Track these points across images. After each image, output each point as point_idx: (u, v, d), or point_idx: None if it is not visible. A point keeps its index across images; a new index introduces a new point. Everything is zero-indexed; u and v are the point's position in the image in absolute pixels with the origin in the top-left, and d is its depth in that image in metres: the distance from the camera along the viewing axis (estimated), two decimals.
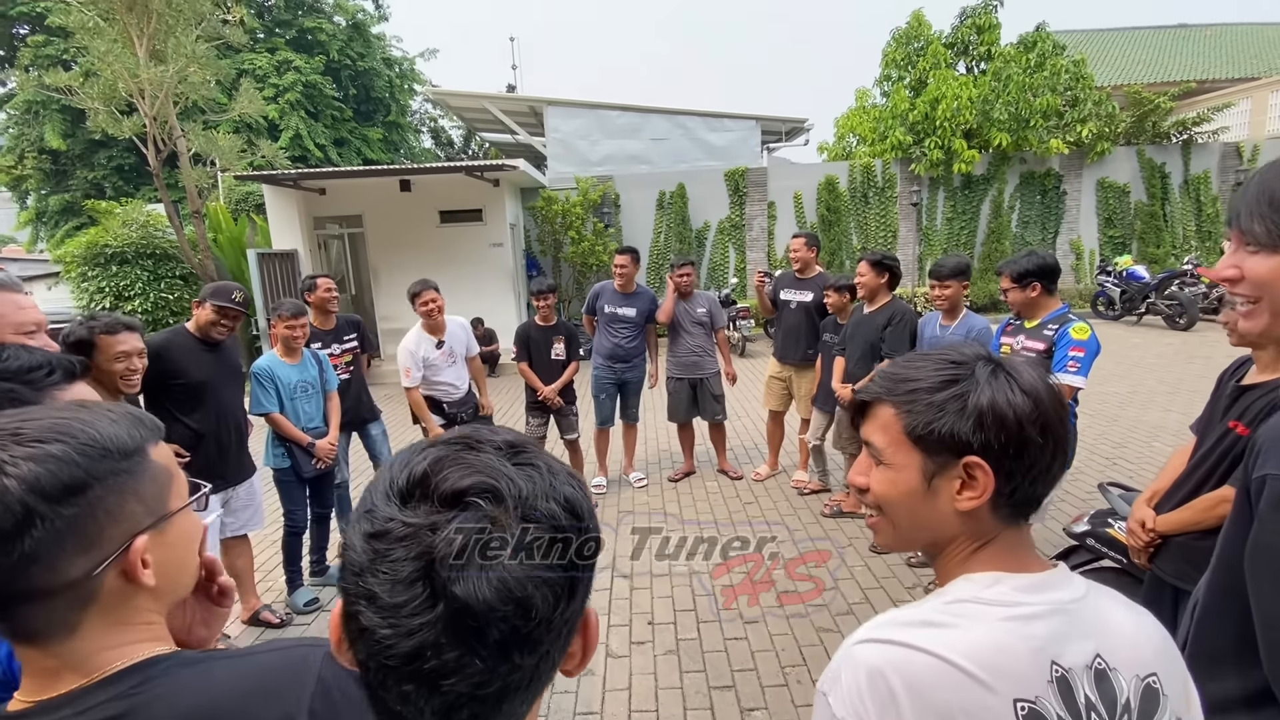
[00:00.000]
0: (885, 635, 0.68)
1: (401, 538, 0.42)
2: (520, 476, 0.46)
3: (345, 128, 22.42)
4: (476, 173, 9.64)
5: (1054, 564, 0.73)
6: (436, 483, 0.44)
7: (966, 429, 0.69)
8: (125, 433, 0.65)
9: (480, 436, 0.49)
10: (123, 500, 0.63)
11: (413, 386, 3.83)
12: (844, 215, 12.41)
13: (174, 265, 9.98)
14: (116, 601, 0.63)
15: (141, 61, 8.44)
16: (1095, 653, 0.68)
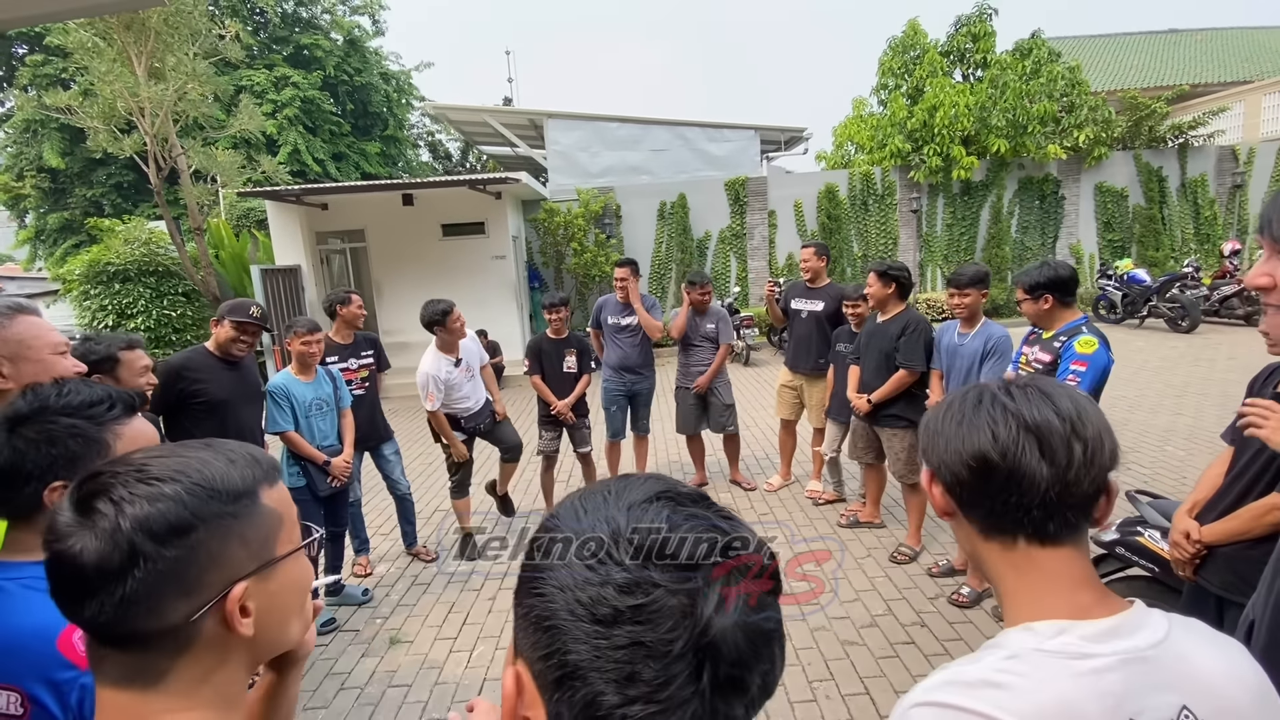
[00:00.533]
0: (944, 698, 0.64)
1: (668, 608, 0.41)
2: (739, 533, 0.47)
3: (343, 142, 22.51)
4: (479, 186, 9.66)
5: (1129, 603, 0.69)
6: (678, 543, 0.44)
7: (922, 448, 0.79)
8: (238, 474, 0.64)
9: (674, 487, 0.49)
10: (225, 544, 0.61)
11: (436, 410, 3.80)
12: (845, 223, 12.45)
13: (176, 282, 9.96)
14: (212, 651, 0.61)
15: (140, 80, 8.47)
16: (1181, 705, 0.63)
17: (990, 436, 0.70)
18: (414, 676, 2.91)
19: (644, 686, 0.39)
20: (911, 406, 3.48)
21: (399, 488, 3.91)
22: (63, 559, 0.57)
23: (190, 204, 9.51)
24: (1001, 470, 0.69)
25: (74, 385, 1.04)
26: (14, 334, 1.37)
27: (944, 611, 3.15)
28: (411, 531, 4.06)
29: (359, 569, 3.81)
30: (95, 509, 0.58)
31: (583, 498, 0.49)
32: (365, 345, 3.83)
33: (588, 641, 0.41)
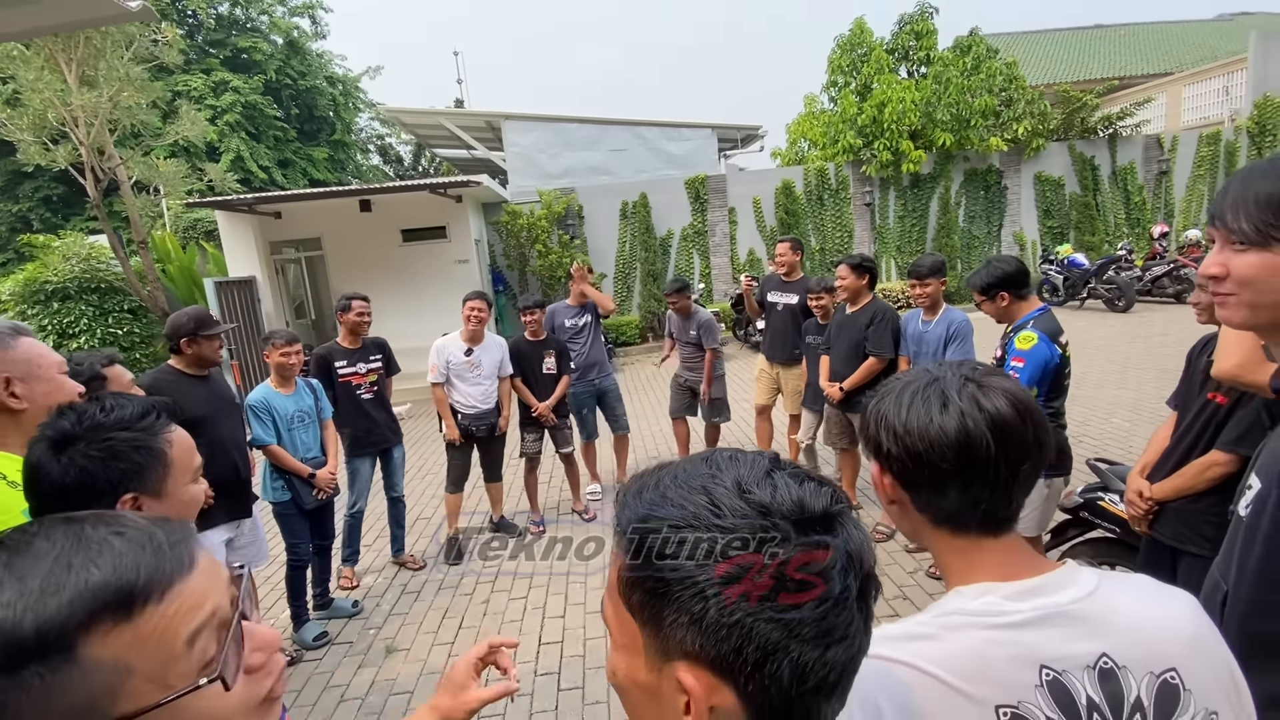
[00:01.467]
0: (875, 649, 0.68)
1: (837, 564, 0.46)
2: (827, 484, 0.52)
3: (289, 148, 21.84)
4: (439, 190, 9.54)
5: (1060, 564, 0.73)
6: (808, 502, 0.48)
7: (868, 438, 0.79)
8: (14, 626, 0.43)
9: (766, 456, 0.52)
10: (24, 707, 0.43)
11: (436, 383, 3.96)
12: (802, 218, 12.75)
13: (121, 299, 9.53)
14: None
15: (72, 87, 8.06)
16: (1100, 652, 0.66)
17: (957, 427, 0.71)
18: (415, 683, 2.91)
19: (838, 634, 0.45)
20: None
21: (395, 490, 3.92)
22: None
23: (132, 216, 9.10)
24: (961, 461, 0.71)
25: (116, 401, 1.05)
26: (21, 354, 1.36)
27: (923, 584, 3.32)
28: (401, 537, 4.04)
29: (345, 580, 3.77)
30: None
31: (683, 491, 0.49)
32: (374, 350, 3.83)
33: (778, 620, 0.44)
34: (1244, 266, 0.86)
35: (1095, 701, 0.65)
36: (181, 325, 2.84)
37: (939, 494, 0.73)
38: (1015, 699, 0.64)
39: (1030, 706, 0.64)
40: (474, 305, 3.96)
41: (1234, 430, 1.78)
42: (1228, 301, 0.89)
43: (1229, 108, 14.44)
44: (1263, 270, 0.84)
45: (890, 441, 0.75)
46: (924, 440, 0.72)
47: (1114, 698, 0.65)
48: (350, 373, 3.68)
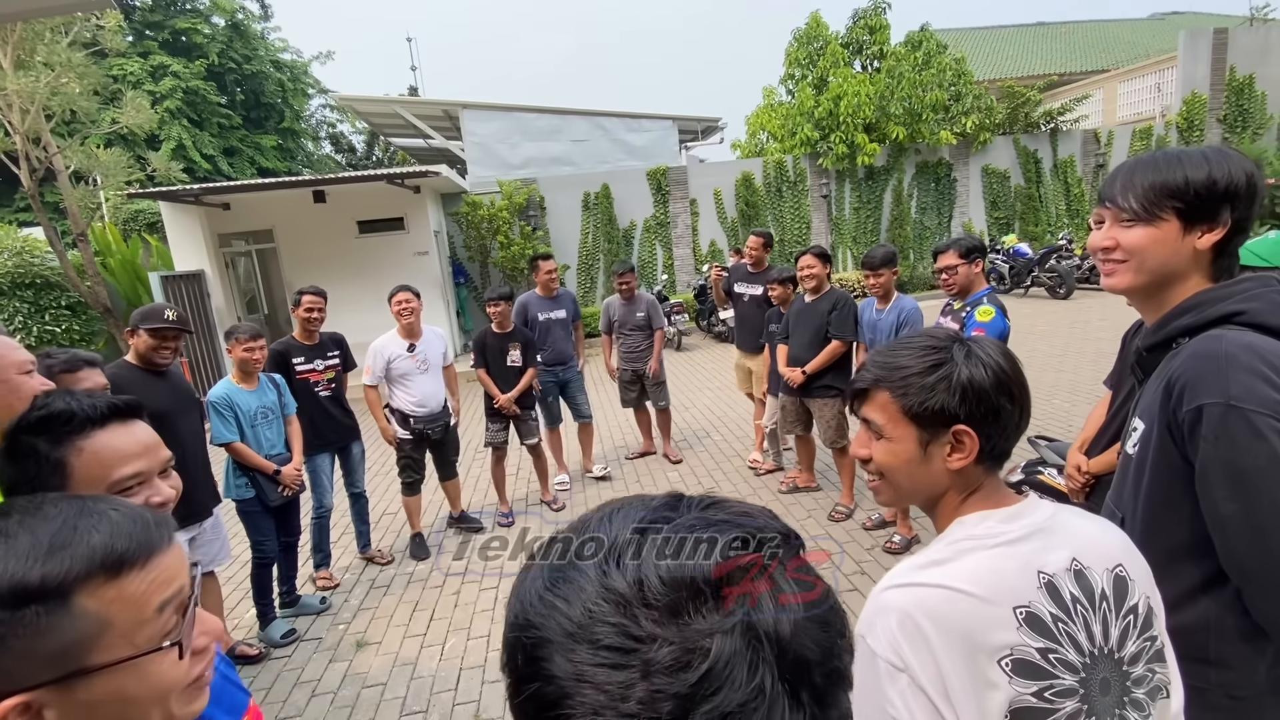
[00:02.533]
0: (905, 579, 0.83)
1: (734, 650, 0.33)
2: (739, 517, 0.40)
3: (235, 136, 20.97)
4: (396, 180, 9.36)
5: (1023, 494, 0.89)
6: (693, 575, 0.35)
7: (954, 404, 0.83)
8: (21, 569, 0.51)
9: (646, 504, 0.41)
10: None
11: (371, 385, 3.89)
12: (762, 209, 12.96)
13: (58, 294, 9.08)
14: None
15: (6, 72, 7.62)
16: (1072, 557, 0.82)
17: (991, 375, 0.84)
18: (388, 675, 2.94)
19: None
20: (840, 376, 3.80)
21: (356, 487, 3.89)
22: None
23: (70, 207, 8.67)
24: (1008, 398, 0.85)
25: (45, 401, 0.98)
26: None
27: (880, 560, 3.50)
28: (366, 532, 4.02)
29: (322, 581, 3.73)
30: None
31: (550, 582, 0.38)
32: (331, 346, 3.74)
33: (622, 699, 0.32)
34: (1132, 238, 1.06)
35: (1076, 595, 0.81)
36: (132, 317, 2.77)
37: (1014, 430, 0.87)
38: (1026, 600, 0.79)
39: (1038, 605, 0.79)
40: (401, 299, 3.81)
41: None
42: (1116, 270, 1.08)
43: (1160, 104, 15.23)
44: (1148, 240, 1.05)
45: (996, 390, 0.84)
46: (1010, 382, 0.85)
47: (1087, 591, 0.81)
48: (308, 370, 3.62)
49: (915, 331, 3.36)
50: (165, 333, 2.77)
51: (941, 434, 0.85)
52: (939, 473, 0.87)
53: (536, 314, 4.76)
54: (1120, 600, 0.83)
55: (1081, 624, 0.81)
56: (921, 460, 0.87)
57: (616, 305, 5.03)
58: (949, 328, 2.92)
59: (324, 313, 3.72)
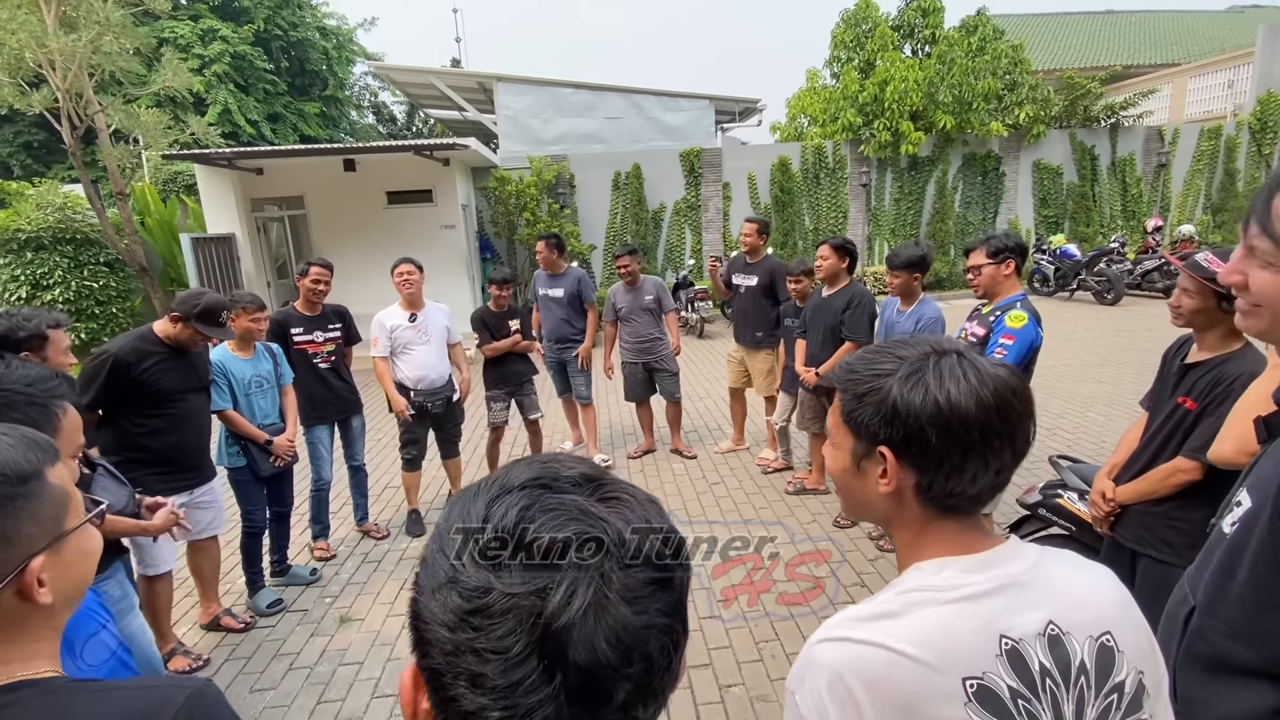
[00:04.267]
0: (841, 633, 0.70)
1: (506, 610, 0.37)
2: (614, 516, 0.42)
3: (279, 102, 21.25)
4: (426, 152, 9.31)
5: (1005, 536, 0.77)
6: (530, 538, 0.39)
7: (875, 421, 0.74)
8: (21, 457, 0.68)
9: (555, 472, 0.44)
10: (18, 524, 0.65)
11: (380, 356, 3.84)
12: (797, 196, 12.58)
13: (97, 251, 9.32)
14: (12, 620, 0.66)
15: (50, 29, 7.75)
16: (1047, 620, 0.70)
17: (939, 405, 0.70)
18: (365, 654, 2.91)
19: (492, 692, 0.37)
20: None
21: (356, 460, 3.87)
22: None
23: (110, 166, 8.84)
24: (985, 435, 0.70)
25: (18, 362, 1.07)
26: None
27: (883, 572, 3.33)
28: (364, 505, 4.01)
29: (319, 552, 3.74)
30: None
31: (472, 487, 0.46)
32: (333, 318, 3.71)
33: (439, 647, 0.39)
34: (1265, 285, 0.82)
35: (1047, 667, 0.68)
36: (185, 301, 2.69)
37: (971, 476, 0.72)
38: (980, 670, 0.67)
39: (993, 676, 0.67)
40: (403, 270, 3.80)
41: (1201, 437, 1.74)
42: (1250, 313, 0.87)
43: (1232, 102, 14.26)
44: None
45: (933, 426, 0.71)
46: (977, 417, 0.70)
47: (1062, 662, 0.69)
48: (306, 340, 3.59)
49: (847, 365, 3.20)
50: (212, 336, 2.73)
51: (872, 451, 0.76)
52: (873, 493, 0.78)
53: (536, 289, 4.81)
54: (1103, 675, 0.70)
55: (1049, 702, 0.68)
56: (855, 474, 0.79)
57: (620, 292, 4.83)
58: (977, 333, 2.76)
59: (329, 286, 3.70)
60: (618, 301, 4.83)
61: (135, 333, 2.76)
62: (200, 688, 0.68)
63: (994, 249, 2.67)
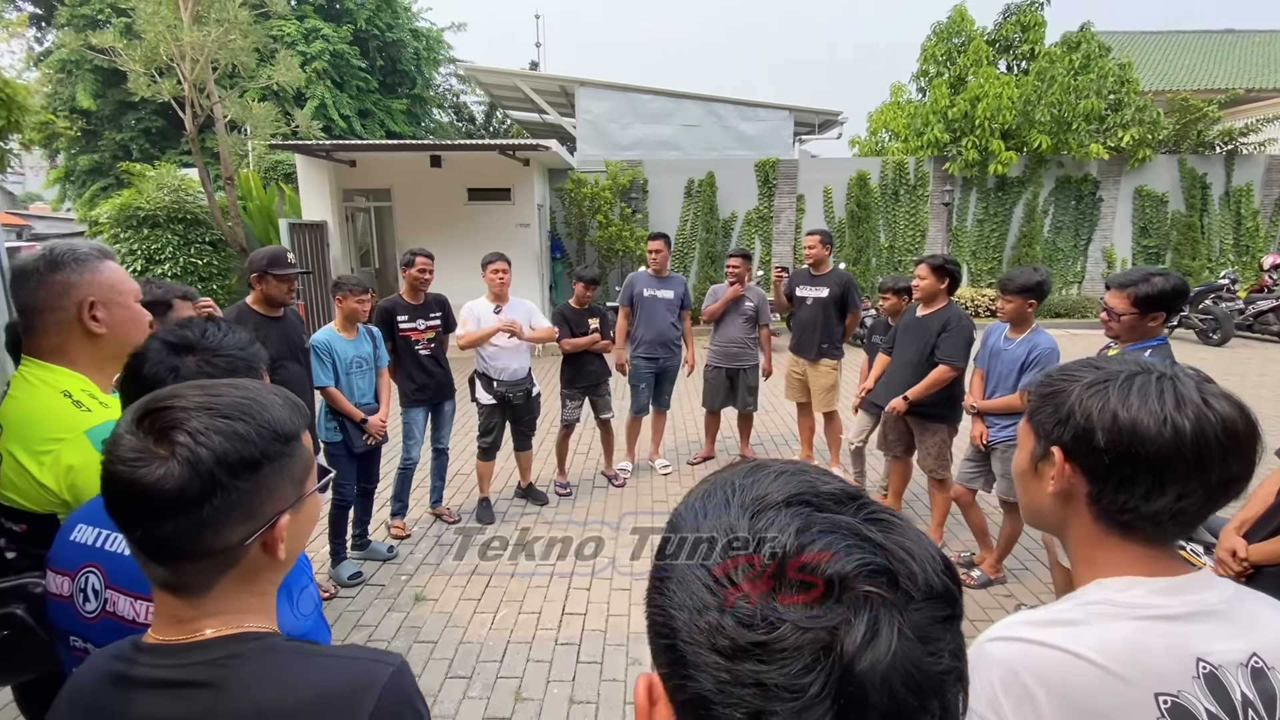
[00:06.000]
0: (1016, 634, 0.70)
1: (800, 646, 0.34)
2: (893, 543, 0.38)
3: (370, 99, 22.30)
4: (508, 151, 9.58)
5: (1197, 567, 0.74)
6: (814, 564, 0.36)
7: (1051, 421, 0.76)
8: (289, 418, 0.71)
9: (813, 486, 0.41)
10: (280, 480, 0.69)
11: (464, 336, 3.95)
12: (874, 212, 12.24)
13: (204, 231, 10.02)
14: (250, 570, 0.69)
15: (184, 24, 8.41)
16: (1250, 651, 0.67)
17: (1194, 428, 0.68)
18: (439, 634, 2.99)
19: (774, 692, 0.34)
20: (949, 405, 3.45)
21: (441, 443, 4.01)
22: (139, 483, 0.61)
23: (223, 153, 9.51)
24: (1189, 463, 0.68)
25: (230, 327, 1.09)
26: (105, 278, 1.36)
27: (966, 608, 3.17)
28: (440, 488, 4.14)
29: (396, 530, 3.88)
30: (174, 440, 0.63)
31: (706, 495, 0.44)
32: (434, 307, 3.87)
33: (710, 672, 0.36)
34: None
35: (1249, 698, 0.66)
36: (255, 261, 2.93)
37: (1144, 494, 0.71)
38: (1175, 688, 0.65)
39: (1189, 696, 0.65)
40: (497, 266, 3.95)
41: None
42: None
43: None
44: None
45: (1105, 434, 0.71)
46: (1157, 437, 0.69)
47: (1266, 695, 0.66)
48: (410, 328, 3.74)
49: (1046, 372, 3.00)
50: (290, 277, 2.94)
51: (1047, 453, 0.77)
52: (1046, 497, 0.79)
53: (641, 290, 4.69)
54: None
55: None
56: (1032, 475, 0.81)
57: (721, 293, 4.80)
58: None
59: (433, 275, 3.86)
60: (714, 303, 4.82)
61: (234, 306, 3.01)
62: (401, 666, 0.70)
63: (1143, 297, 2.32)
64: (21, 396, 1.31)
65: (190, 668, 0.65)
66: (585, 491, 4.59)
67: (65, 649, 0.98)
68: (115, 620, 0.92)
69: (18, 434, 1.26)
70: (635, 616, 3.07)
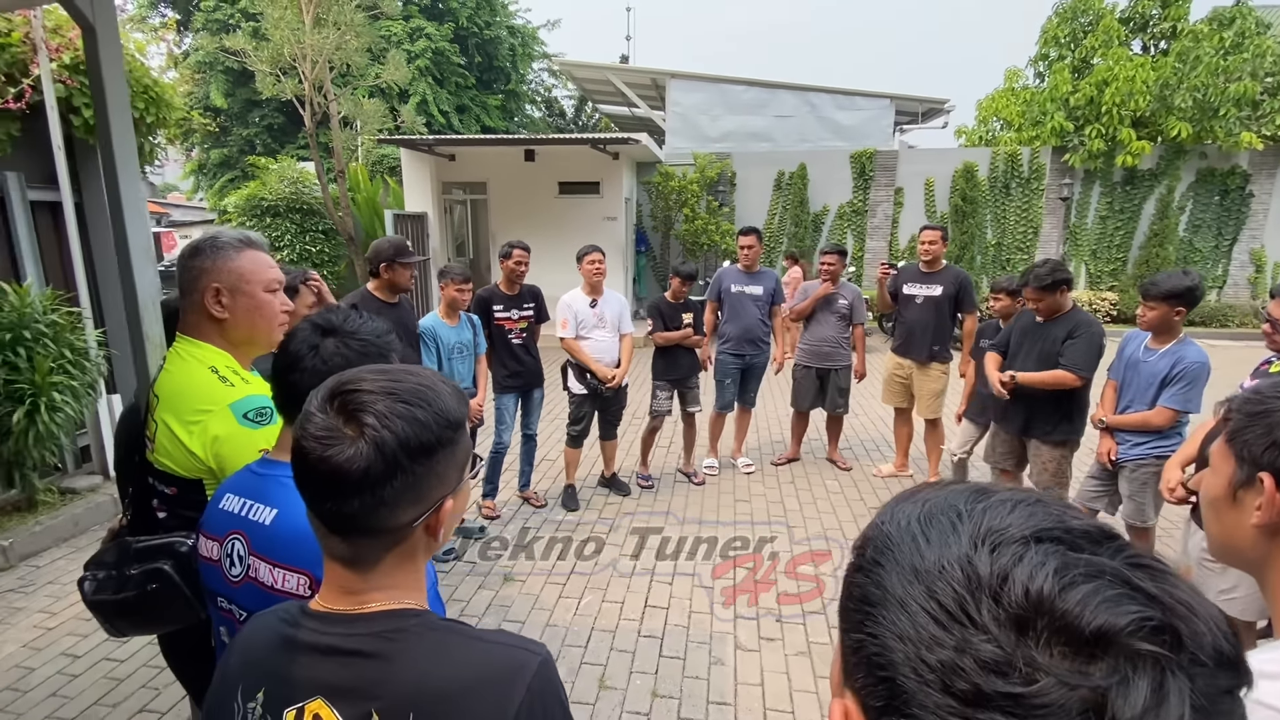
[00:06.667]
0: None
1: (1062, 704, 0.30)
2: (1173, 599, 0.33)
3: (467, 95, 23.22)
4: (599, 145, 9.68)
5: None
6: (1077, 613, 0.31)
7: (1262, 443, 0.70)
8: (456, 407, 0.72)
9: (1063, 521, 0.37)
10: (449, 465, 0.71)
11: (566, 337, 4.02)
12: (981, 206, 11.46)
13: (318, 220, 10.78)
14: (411, 549, 0.72)
15: (306, 27, 9.04)
16: None
17: None
18: (526, 614, 3.06)
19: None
20: (1069, 424, 3.16)
21: (530, 429, 4.11)
22: (329, 461, 0.64)
23: (336, 148, 10.17)
24: None
25: (369, 317, 1.13)
26: (235, 266, 1.42)
27: None
28: (528, 473, 4.25)
29: (486, 511, 4.03)
30: (363, 422, 0.65)
31: (925, 517, 0.39)
32: (528, 298, 3.97)
33: (938, 714, 0.32)
34: None
35: None
36: (382, 250, 3.08)
37: None
38: None
39: None
40: (594, 258, 3.98)
41: None
42: None
43: None
44: None
45: None
46: None
47: None
48: (505, 317, 3.85)
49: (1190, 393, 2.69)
50: (414, 264, 3.11)
51: (1252, 479, 0.71)
52: (1245, 529, 0.72)
53: (730, 286, 4.59)
54: None
55: None
56: (1230, 504, 0.75)
57: (814, 289, 4.65)
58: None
59: (528, 266, 3.95)
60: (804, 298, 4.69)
61: (356, 292, 3.18)
62: (547, 657, 0.70)
63: None
64: (175, 370, 1.42)
65: (358, 638, 0.67)
66: (666, 485, 4.57)
67: (214, 608, 1.05)
68: (257, 585, 0.97)
69: (171, 405, 1.36)
70: (718, 616, 3.02)
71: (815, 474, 4.81)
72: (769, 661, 2.73)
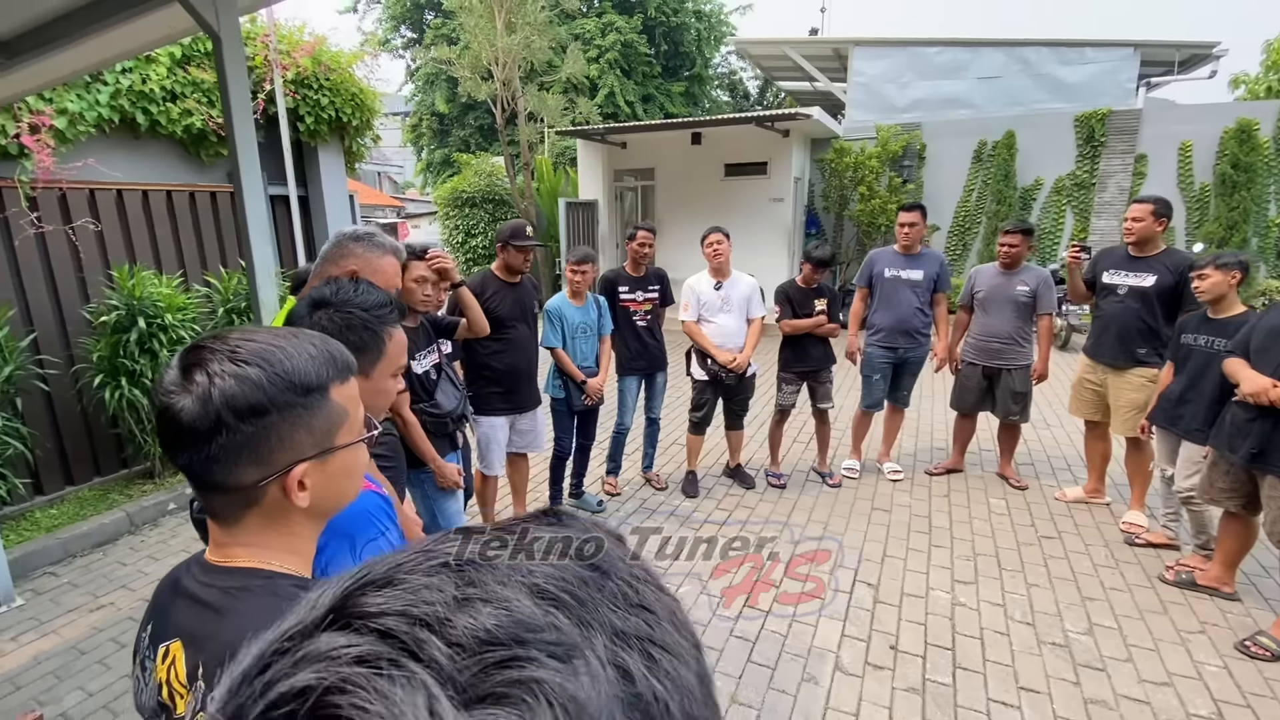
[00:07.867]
0: None
1: None
2: None
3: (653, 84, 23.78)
4: (765, 123, 9.32)
5: None
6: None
7: None
8: (314, 370, 0.72)
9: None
10: (294, 430, 0.70)
11: (689, 320, 3.96)
12: (1259, 176, 8.99)
13: (506, 210, 11.90)
14: (274, 511, 0.72)
15: (499, 32, 9.94)
16: None
17: None
18: None
19: None
20: None
21: (654, 412, 4.15)
22: (166, 412, 0.68)
23: (523, 143, 11.10)
24: None
25: (366, 285, 1.21)
26: (376, 263, 1.65)
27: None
28: (652, 455, 4.30)
29: (608, 487, 4.17)
30: (193, 377, 0.67)
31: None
32: (654, 280, 4.00)
33: None
34: None
35: None
36: (501, 233, 3.30)
37: None
38: None
39: None
40: (713, 240, 3.84)
41: None
42: None
43: None
44: None
45: None
46: None
47: None
48: (629, 298, 3.89)
49: None
50: (527, 248, 3.26)
51: None
52: None
53: (883, 270, 4.11)
54: None
55: None
56: None
57: (989, 274, 4.01)
58: None
59: (653, 249, 3.96)
60: (978, 284, 4.04)
61: (480, 271, 3.41)
62: None
63: None
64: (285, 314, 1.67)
65: (211, 590, 0.71)
66: (796, 484, 4.31)
67: None
68: None
69: None
70: (823, 630, 2.78)
71: (979, 489, 4.19)
72: (870, 691, 2.45)
